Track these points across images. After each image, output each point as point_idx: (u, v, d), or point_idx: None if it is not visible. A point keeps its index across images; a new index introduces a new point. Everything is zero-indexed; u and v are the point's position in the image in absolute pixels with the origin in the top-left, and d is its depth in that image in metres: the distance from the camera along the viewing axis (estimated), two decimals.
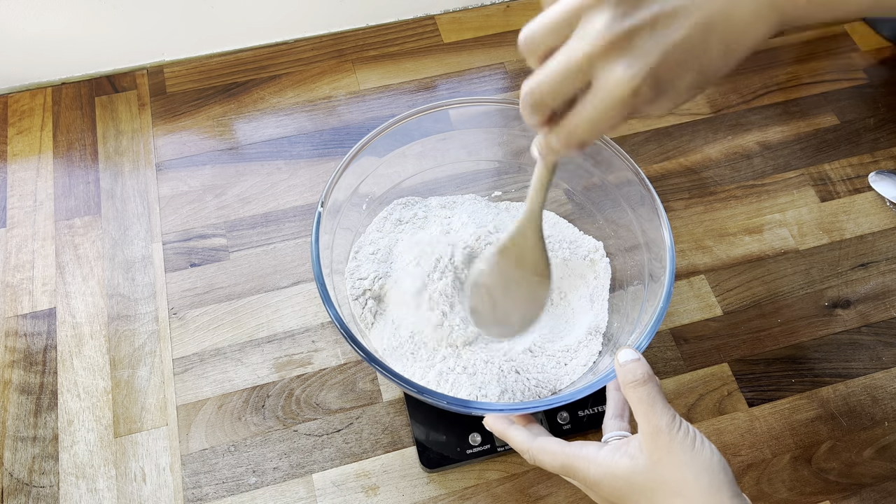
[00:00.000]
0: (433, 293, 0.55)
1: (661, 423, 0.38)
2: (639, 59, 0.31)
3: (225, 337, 0.62)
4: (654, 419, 0.38)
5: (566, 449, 0.42)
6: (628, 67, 0.30)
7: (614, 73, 0.31)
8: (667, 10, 0.31)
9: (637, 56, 0.31)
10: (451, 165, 0.63)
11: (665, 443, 0.38)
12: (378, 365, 0.46)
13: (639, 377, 0.40)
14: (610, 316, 0.57)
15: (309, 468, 0.56)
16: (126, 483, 0.55)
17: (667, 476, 0.37)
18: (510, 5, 0.84)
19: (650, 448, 0.38)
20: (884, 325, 0.64)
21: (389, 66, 0.78)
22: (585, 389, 0.46)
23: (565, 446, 0.42)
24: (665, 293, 0.49)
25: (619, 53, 0.31)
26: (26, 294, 0.63)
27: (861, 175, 0.72)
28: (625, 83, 0.31)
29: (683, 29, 0.31)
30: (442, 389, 0.52)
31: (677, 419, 0.38)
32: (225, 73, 0.77)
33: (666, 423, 0.38)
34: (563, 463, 0.42)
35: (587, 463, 0.41)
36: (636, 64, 0.31)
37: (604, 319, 0.57)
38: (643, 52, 0.31)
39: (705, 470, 0.37)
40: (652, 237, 0.54)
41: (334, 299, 0.50)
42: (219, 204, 0.69)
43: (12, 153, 0.71)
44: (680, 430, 0.38)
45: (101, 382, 0.59)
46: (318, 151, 0.72)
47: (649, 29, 0.31)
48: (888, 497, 0.56)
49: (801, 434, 0.59)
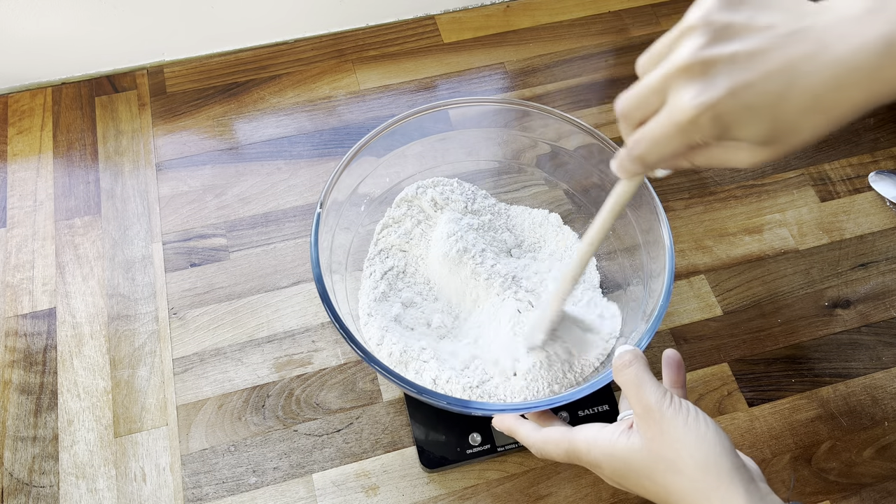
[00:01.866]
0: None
1: (650, 400, 0.38)
2: (708, 89, 0.31)
3: (225, 337, 0.62)
4: (643, 398, 0.38)
5: (567, 434, 0.42)
6: (695, 96, 0.31)
7: (681, 97, 0.31)
8: (750, 48, 0.31)
9: (707, 86, 0.31)
10: (450, 165, 0.63)
11: (656, 420, 0.37)
12: (378, 365, 0.46)
13: (625, 360, 0.40)
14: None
15: (309, 468, 0.56)
16: (126, 483, 0.55)
17: (662, 454, 0.37)
18: (510, 5, 0.84)
19: (643, 427, 0.38)
20: (884, 325, 0.64)
21: (389, 66, 0.78)
22: (584, 390, 0.46)
23: (567, 432, 0.42)
24: (664, 292, 0.49)
25: (692, 79, 0.31)
26: (26, 294, 0.63)
27: (861, 175, 0.72)
28: (686, 109, 0.31)
29: (759, 71, 0.30)
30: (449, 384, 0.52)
31: (668, 395, 0.38)
32: (225, 73, 0.77)
33: (655, 400, 0.38)
34: (566, 449, 0.42)
35: (588, 445, 0.41)
36: (704, 94, 0.31)
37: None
38: (714, 84, 0.31)
39: (700, 444, 0.36)
40: (651, 237, 0.54)
41: (333, 300, 0.50)
42: (219, 204, 0.69)
43: (12, 153, 0.71)
44: (671, 406, 0.38)
45: (101, 382, 0.59)
46: (318, 151, 0.72)
47: (727, 62, 0.31)
48: (888, 497, 0.56)
49: (801, 434, 0.59)
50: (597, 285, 0.59)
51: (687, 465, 0.36)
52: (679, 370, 0.44)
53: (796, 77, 0.30)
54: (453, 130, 0.60)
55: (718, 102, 0.31)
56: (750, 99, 0.31)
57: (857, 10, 0.30)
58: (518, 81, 0.77)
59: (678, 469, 0.36)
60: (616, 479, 0.40)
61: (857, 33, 0.30)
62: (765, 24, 0.31)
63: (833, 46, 0.30)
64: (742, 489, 0.35)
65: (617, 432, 0.40)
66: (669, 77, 0.32)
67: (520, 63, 0.79)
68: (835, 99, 0.30)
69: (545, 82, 0.77)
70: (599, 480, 0.56)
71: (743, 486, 0.35)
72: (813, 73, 0.30)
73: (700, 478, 0.36)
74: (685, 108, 0.31)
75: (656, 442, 0.37)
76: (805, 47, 0.30)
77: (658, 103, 0.33)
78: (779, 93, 0.30)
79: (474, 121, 0.60)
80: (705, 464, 0.36)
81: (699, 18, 0.31)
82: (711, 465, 0.36)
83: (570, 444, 0.42)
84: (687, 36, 0.32)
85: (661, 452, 0.37)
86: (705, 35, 0.31)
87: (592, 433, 0.41)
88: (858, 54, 0.29)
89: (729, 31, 0.31)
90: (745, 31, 0.31)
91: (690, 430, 0.37)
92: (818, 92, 0.30)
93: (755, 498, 0.35)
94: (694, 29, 0.31)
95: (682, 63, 0.31)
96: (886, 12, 0.30)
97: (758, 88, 0.30)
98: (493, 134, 0.61)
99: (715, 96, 0.30)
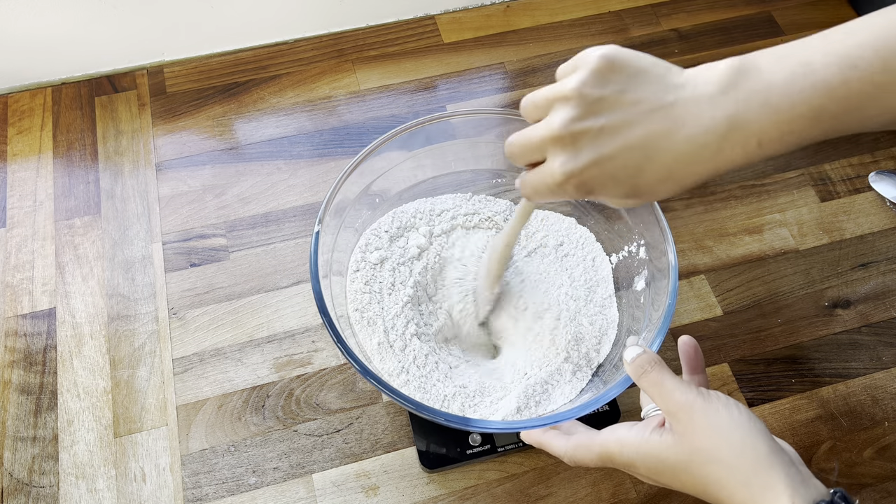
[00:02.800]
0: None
1: (677, 399, 0.38)
2: (573, 160, 0.35)
3: (225, 337, 0.62)
4: (668, 399, 0.38)
5: (597, 438, 0.42)
6: (563, 164, 0.35)
7: (553, 163, 0.36)
8: (615, 122, 0.34)
9: (574, 157, 0.35)
10: (454, 175, 0.62)
11: (687, 415, 0.37)
12: (373, 378, 0.46)
13: (643, 367, 0.40)
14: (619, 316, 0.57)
15: (309, 468, 0.56)
16: (126, 483, 0.55)
17: (697, 445, 0.37)
18: (510, 5, 0.84)
19: (675, 424, 0.38)
20: (884, 325, 0.64)
21: (389, 66, 0.78)
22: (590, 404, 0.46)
23: (596, 435, 0.43)
24: (671, 292, 0.49)
25: (563, 149, 0.35)
26: (26, 294, 0.63)
27: (861, 175, 0.72)
28: (556, 175, 0.36)
29: (620, 146, 0.34)
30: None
31: (693, 390, 0.38)
32: (225, 73, 0.77)
33: (682, 398, 0.38)
34: (598, 453, 0.42)
35: (620, 446, 0.41)
36: (570, 164, 0.35)
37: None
38: (579, 156, 0.35)
39: (734, 430, 0.36)
40: (651, 238, 0.54)
41: (332, 313, 0.49)
42: (219, 204, 0.69)
43: (12, 153, 0.71)
44: (698, 398, 0.37)
45: (101, 382, 0.59)
46: (318, 151, 0.72)
47: (593, 136, 0.34)
48: (888, 497, 0.56)
49: (801, 434, 0.59)
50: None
51: (723, 452, 0.36)
52: (696, 355, 0.44)
53: (653, 152, 0.34)
54: (456, 139, 0.60)
55: (583, 171, 0.35)
56: (611, 170, 0.35)
57: (712, 89, 0.33)
58: (518, 81, 0.77)
59: (715, 458, 0.36)
60: (653, 476, 0.40)
61: (707, 114, 0.33)
62: (632, 99, 0.34)
63: (687, 125, 0.33)
64: (782, 473, 0.34)
65: (648, 431, 0.40)
66: (545, 142, 0.36)
67: (520, 63, 0.79)
68: (685, 172, 0.34)
69: (545, 82, 0.76)
70: (599, 481, 0.56)
71: (783, 469, 0.35)
72: (667, 150, 0.34)
73: (738, 464, 0.35)
74: (555, 174, 0.36)
75: (689, 435, 0.37)
76: (663, 125, 0.33)
77: (539, 157, 0.37)
78: (637, 165, 0.34)
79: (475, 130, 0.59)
80: (742, 449, 0.36)
81: (574, 90, 0.35)
82: (749, 450, 0.35)
83: (602, 447, 0.42)
84: (562, 104, 0.35)
85: (696, 444, 0.37)
86: (578, 108, 0.34)
87: (623, 434, 0.41)
88: (706, 134, 0.33)
89: (599, 104, 0.34)
90: (613, 106, 0.34)
91: (723, 418, 0.37)
92: (671, 166, 0.34)
93: (796, 481, 0.34)
94: (569, 100, 0.35)
95: (555, 132, 0.35)
96: (736, 92, 0.32)
97: (618, 161, 0.34)
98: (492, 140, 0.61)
99: (579, 166, 0.35)
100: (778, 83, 0.32)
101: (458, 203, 0.62)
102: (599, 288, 0.58)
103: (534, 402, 0.51)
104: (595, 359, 0.55)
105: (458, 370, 0.54)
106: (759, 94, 0.32)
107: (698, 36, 0.81)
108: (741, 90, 0.32)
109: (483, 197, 0.63)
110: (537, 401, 0.51)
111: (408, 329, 0.54)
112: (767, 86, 0.32)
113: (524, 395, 0.51)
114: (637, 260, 0.56)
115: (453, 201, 0.62)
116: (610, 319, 0.57)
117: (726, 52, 0.78)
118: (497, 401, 0.52)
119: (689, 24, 0.82)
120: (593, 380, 0.54)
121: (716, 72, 0.33)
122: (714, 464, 0.36)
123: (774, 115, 0.32)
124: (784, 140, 0.32)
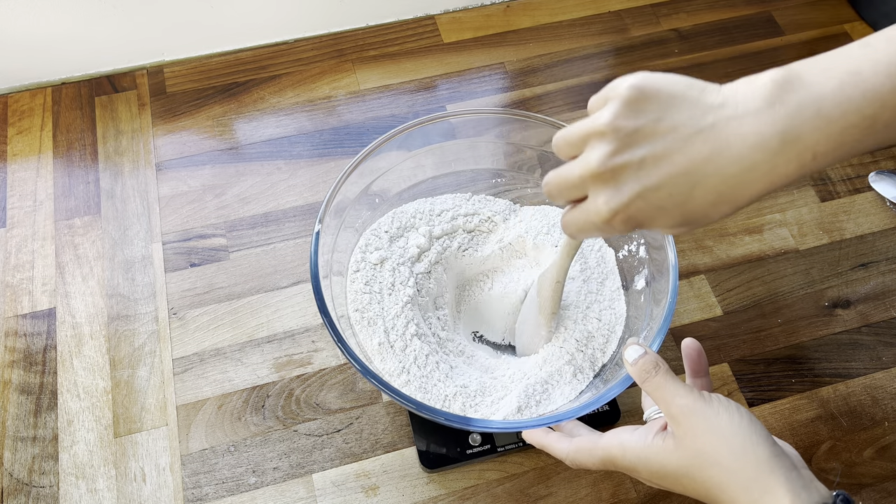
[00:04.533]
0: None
1: (680, 403, 0.38)
2: (617, 195, 0.34)
3: (225, 337, 0.62)
4: (671, 402, 0.38)
5: (600, 442, 0.42)
6: (607, 201, 0.34)
7: (597, 201, 0.34)
8: (656, 152, 0.33)
9: (617, 192, 0.34)
10: (453, 176, 0.62)
11: (689, 419, 0.37)
12: (374, 379, 0.46)
13: (648, 370, 0.40)
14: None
15: (309, 468, 0.56)
16: (126, 483, 0.55)
17: (698, 449, 0.37)
18: (510, 5, 0.84)
19: (677, 428, 0.38)
20: (884, 325, 0.64)
21: (389, 66, 0.78)
22: (591, 404, 0.46)
23: (599, 439, 0.43)
24: (671, 291, 0.49)
25: (604, 185, 0.34)
26: (26, 294, 0.63)
27: (861, 175, 0.72)
28: (601, 213, 0.34)
29: (664, 175, 0.33)
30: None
31: (694, 393, 0.38)
32: (225, 73, 0.77)
33: (685, 402, 0.38)
34: (600, 457, 0.42)
35: (622, 450, 0.41)
36: (614, 200, 0.34)
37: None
38: (622, 191, 0.33)
39: (734, 434, 0.36)
40: (651, 237, 0.54)
41: (333, 313, 0.49)
42: (219, 204, 0.69)
43: (12, 153, 0.71)
44: (699, 403, 0.37)
45: (101, 382, 0.59)
46: (318, 151, 0.72)
47: (634, 169, 0.33)
48: (888, 497, 0.56)
49: (801, 434, 0.59)
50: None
51: (724, 456, 0.36)
52: (699, 358, 0.44)
53: (699, 177, 0.32)
54: (456, 139, 0.60)
55: (629, 206, 0.33)
56: (657, 201, 0.33)
57: (756, 104, 0.31)
58: (518, 81, 0.77)
59: (716, 462, 0.36)
60: (655, 480, 0.40)
61: (755, 132, 0.31)
62: (668, 126, 0.33)
63: (732, 145, 0.32)
64: (783, 477, 0.34)
65: (650, 435, 0.40)
66: (585, 180, 0.34)
67: (520, 63, 0.79)
68: (737, 193, 0.32)
69: (545, 82, 0.77)
70: (599, 481, 0.56)
71: (784, 473, 0.35)
72: (715, 174, 0.32)
73: (739, 468, 0.35)
74: (600, 212, 0.34)
75: (690, 439, 0.37)
76: (707, 148, 0.32)
77: (579, 195, 0.36)
78: (684, 193, 0.33)
79: (476, 130, 0.59)
80: (742, 453, 0.36)
81: (607, 124, 0.33)
82: (749, 454, 0.35)
83: (604, 451, 0.42)
84: (598, 140, 0.34)
85: (697, 448, 0.37)
86: (614, 142, 0.33)
87: (625, 438, 0.41)
88: (756, 152, 0.31)
89: (636, 136, 0.33)
90: (650, 136, 0.33)
91: (724, 422, 0.37)
92: (721, 189, 0.32)
93: (797, 485, 0.34)
94: (604, 135, 0.33)
95: (594, 169, 0.34)
96: (785, 107, 0.31)
97: (664, 191, 0.33)
98: (493, 139, 0.61)
99: (624, 201, 0.33)
100: (828, 94, 0.30)
101: (458, 203, 0.62)
102: (608, 280, 0.58)
103: (534, 402, 0.51)
104: (600, 359, 0.55)
105: (459, 370, 0.54)
106: (811, 107, 0.31)
107: (698, 36, 0.81)
108: (789, 104, 0.31)
109: (483, 197, 0.63)
110: (538, 400, 0.51)
111: (408, 329, 0.54)
112: (818, 97, 0.31)
113: (525, 395, 0.51)
114: (637, 259, 0.56)
115: (453, 201, 0.62)
116: (618, 314, 0.56)
117: (726, 52, 0.78)
118: (498, 400, 0.52)
119: (689, 24, 0.82)
120: (593, 379, 0.54)
121: (757, 87, 0.32)
122: (715, 468, 0.36)
123: (827, 127, 0.30)
124: (837, 151, 0.31)
